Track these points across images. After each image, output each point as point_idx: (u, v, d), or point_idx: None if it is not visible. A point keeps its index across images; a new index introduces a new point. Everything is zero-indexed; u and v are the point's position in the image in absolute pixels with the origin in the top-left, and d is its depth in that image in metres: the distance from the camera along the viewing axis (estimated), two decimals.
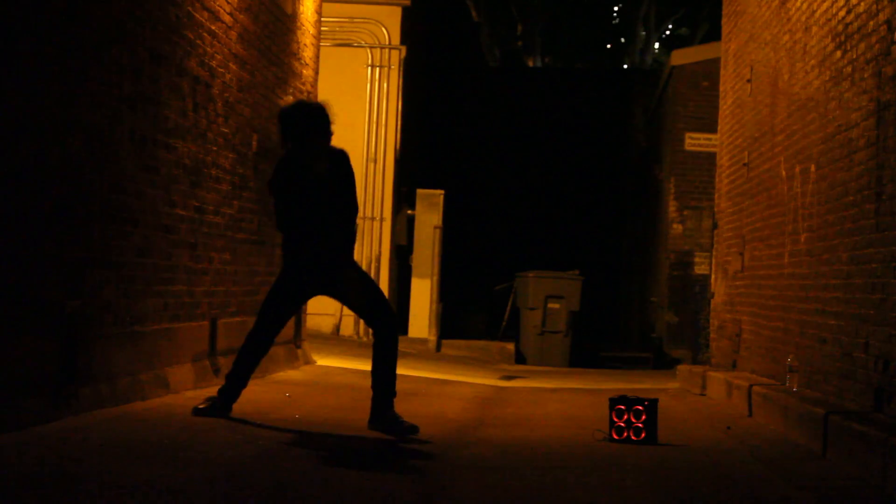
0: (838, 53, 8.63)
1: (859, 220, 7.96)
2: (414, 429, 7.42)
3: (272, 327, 7.71)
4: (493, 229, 31.27)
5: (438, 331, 17.79)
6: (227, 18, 9.99)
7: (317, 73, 13.57)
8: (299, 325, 12.69)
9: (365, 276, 7.76)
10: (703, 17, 39.09)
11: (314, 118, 7.43)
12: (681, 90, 20.63)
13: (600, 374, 17.10)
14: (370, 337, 17.13)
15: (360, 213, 18.09)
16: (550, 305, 19.70)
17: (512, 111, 32.99)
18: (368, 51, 17.93)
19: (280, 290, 7.69)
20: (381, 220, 17.80)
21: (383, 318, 7.56)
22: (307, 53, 13.05)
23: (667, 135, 21.63)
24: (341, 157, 7.54)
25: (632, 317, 28.68)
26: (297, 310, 7.82)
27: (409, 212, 18.48)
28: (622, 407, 7.73)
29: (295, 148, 7.48)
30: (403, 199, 18.84)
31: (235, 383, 7.70)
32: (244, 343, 7.76)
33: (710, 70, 17.89)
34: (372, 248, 17.60)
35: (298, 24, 12.61)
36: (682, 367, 14.08)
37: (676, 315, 20.38)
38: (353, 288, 7.52)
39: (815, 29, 9.36)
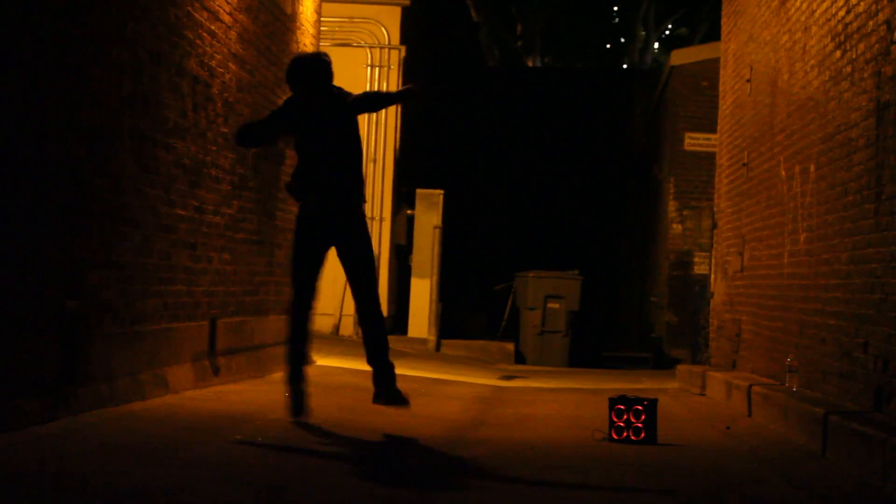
0: (838, 53, 8.63)
1: (859, 220, 7.96)
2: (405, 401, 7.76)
3: (307, 289, 7.76)
4: (493, 229, 31.27)
5: (438, 331, 17.79)
6: (226, 18, 9.99)
7: None
8: None
9: (369, 247, 7.89)
10: (703, 17, 39.10)
11: (306, 68, 7.83)
12: (680, 90, 20.63)
13: (600, 374, 17.10)
14: None
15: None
16: (550, 305, 19.70)
17: (512, 111, 33.00)
18: (368, 51, 17.93)
19: (298, 240, 7.81)
20: (381, 220, 17.81)
21: (373, 299, 7.74)
22: None
23: (667, 135, 21.63)
24: (340, 100, 7.80)
25: (631, 317, 28.69)
26: (322, 263, 7.88)
27: (409, 212, 18.49)
28: (622, 407, 7.73)
29: (297, 92, 7.84)
30: (403, 198, 18.85)
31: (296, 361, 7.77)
32: (289, 318, 7.78)
33: (710, 70, 17.88)
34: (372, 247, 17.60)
35: (298, 24, 12.61)
36: (681, 367, 14.08)
37: (676, 315, 20.38)
38: (356, 247, 7.75)
39: (814, 29, 9.36)
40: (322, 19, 14.19)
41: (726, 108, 13.84)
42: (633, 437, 7.68)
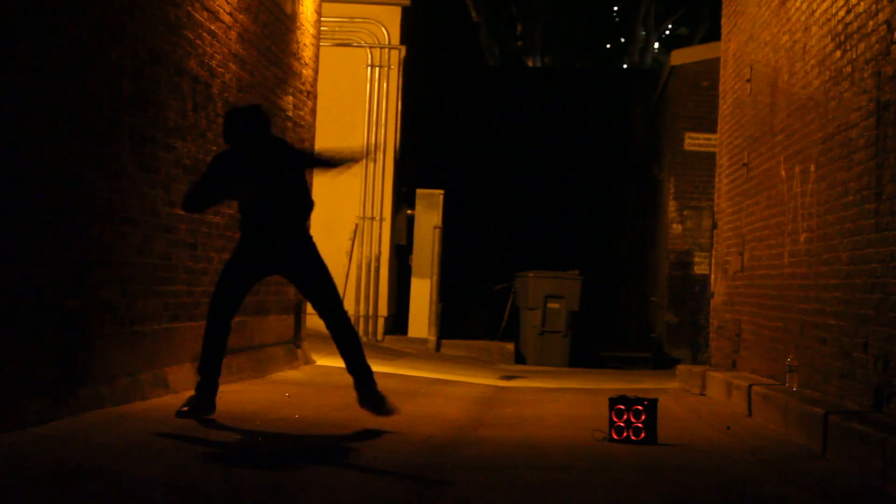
0: (838, 53, 8.64)
1: (859, 220, 7.96)
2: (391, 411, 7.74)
3: (230, 305, 7.78)
4: (493, 229, 31.27)
5: (438, 331, 17.79)
6: (226, 18, 9.99)
7: (316, 72, 13.58)
8: (299, 324, 12.69)
9: (320, 262, 7.88)
10: (703, 17, 39.10)
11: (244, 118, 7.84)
12: (681, 90, 20.62)
13: (600, 374, 17.10)
14: (370, 337, 17.18)
15: (360, 213, 18.18)
16: (550, 305, 19.70)
17: (512, 111, 32.99)
18: (368, 51, 17.93)
19: (233, 265, 7.85)
20: (381, 220, 17.81)
21: (334, 305, 7.75)
22: (307, 53, 13.05)
23: (667, 135, 21.63)
24: (279, 146, 7.96)
25: (632, 317, 28.69)
26: (250, 287, 7.97)
27: (409, 212, 18.48)
28: (622, 407, 7.74)
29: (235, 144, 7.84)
30: (403, 199, 18.85)
31: (211, 376, 7.69)
32: (205, 331, 7.76)
33: (710, 70, 17.88)
34: (372, 248, 17.62)
35: (298, 23, 12.61)
36: (681, 367, 14.07)
37: (676, 315, 20.38)
38: (307, 271, 7.77)
39: (814, 29, 9.36)
40: (322, 19, 14.19)
41: (726, 108, 13.84)
42: (633, 437, 7.68)
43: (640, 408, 7.71)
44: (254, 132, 7.77)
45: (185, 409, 7.43)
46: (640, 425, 7.70)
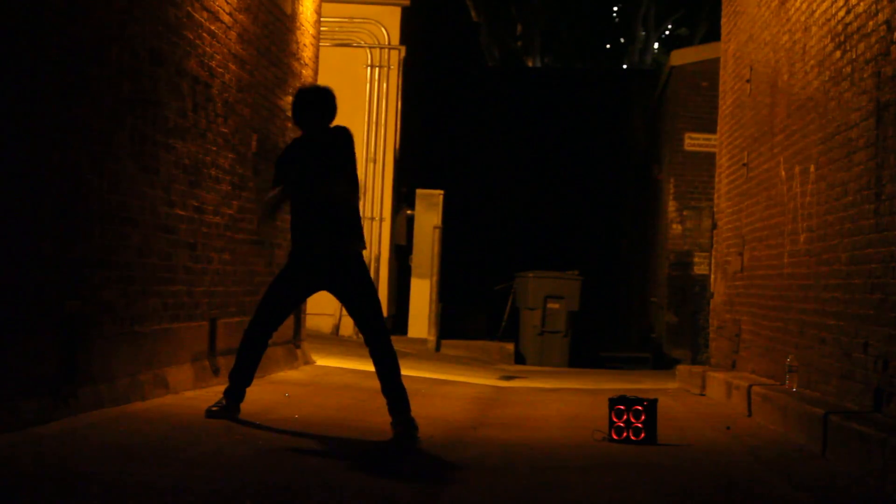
0: (838, 53, 8.64)
1: (859, 221, 7.96)
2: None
3: (272, 320, 7.68)
4: (493, 229, 31.27)
5: (438, 331, 17.79)
6: (226, 18, 9.99)
7: (316, 73, 13.58)
8: (299, 324, 12.69)
9: (370, 281, 7.65)
10: (703, 17, 39.10)
11: (302, 100, 7.65)
12: (680, 90, 20.63)
13: (600, 374, 17.10)
14: None
15: (361, 214, 18.16)
16: (550, 305, 19.70)
17: (511, 111, 32.99)
18: (368, 51, 17.94)
19: (283, 278, 7.70)
20: (381, 220, 17.82)
21: (380, 330, 7.52)
22: (306, 53, 13.06)
23: (666, 135, 21.63)
24: (334, 137, 7.57)
25: (631, 317, 28.69)
26: (300, 303, 7.65)
27: (409, 212, 18.49)
28: (622, 407, 7.74)
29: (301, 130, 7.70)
30: (403, 199, 18.86)
31: (241, 381, 7.68)
32: (242, 339, 7.75)
33: (710, 70, 17.89)
34: (372, 248, 17.62)
35: (298, 24, 12.61)
36: (681, 368, 14.07)
37: (676, 315, 20.38)
38: (357, 290, 7.52)
39: (814, 29, 9.37)
40: (322, 19, 14.19)
41: (726, 108, 13.84)
42: (633, 438, 7.68)
43: (639, 408, 7.72)
44: (324, 117, 7.52)
45: (215, 409, 7.54)
46: (639, 425, 7.70)
